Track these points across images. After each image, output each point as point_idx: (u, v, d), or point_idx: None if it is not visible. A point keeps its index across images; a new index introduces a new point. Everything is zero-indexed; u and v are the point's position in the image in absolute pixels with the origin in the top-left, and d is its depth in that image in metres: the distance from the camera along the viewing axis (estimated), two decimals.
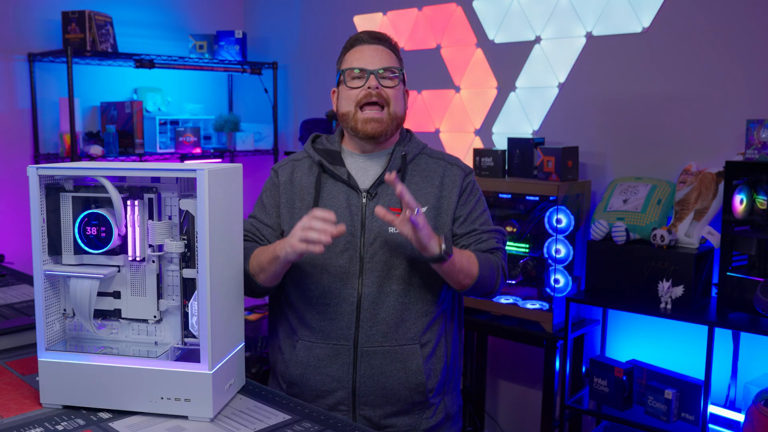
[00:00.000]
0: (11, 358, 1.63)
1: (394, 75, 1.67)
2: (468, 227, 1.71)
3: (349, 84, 1.66)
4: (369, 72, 1.64)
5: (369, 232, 1.65)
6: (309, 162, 1.75)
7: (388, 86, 1.65)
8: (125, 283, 1.40)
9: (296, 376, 1.69)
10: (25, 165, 1.34)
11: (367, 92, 1.64)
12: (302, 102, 4.11)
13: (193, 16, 4.10)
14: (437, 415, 1.72)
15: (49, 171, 1.34)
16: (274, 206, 1.74)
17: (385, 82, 1.66)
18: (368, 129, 1.64)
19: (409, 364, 1.65)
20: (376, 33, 1.72)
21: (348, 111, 1.67)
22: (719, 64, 2.54)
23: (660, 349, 2.70)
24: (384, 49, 1.69)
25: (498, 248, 1.73)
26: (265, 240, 1.72)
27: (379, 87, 1.64)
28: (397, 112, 1.68)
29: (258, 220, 1.74)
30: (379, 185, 1.69)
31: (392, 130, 1.68)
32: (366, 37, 1.70)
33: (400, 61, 1.73)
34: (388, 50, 1.70)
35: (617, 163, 2.82)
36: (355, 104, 1.65)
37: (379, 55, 1.67)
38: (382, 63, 1.66)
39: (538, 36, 3.02)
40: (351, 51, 1.70)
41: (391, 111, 1.66)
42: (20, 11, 3.44)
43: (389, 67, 1.66)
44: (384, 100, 1.64)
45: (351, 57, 1.69)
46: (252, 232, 1.72)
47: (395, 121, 1.67)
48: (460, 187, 1.72)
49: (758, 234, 2.25)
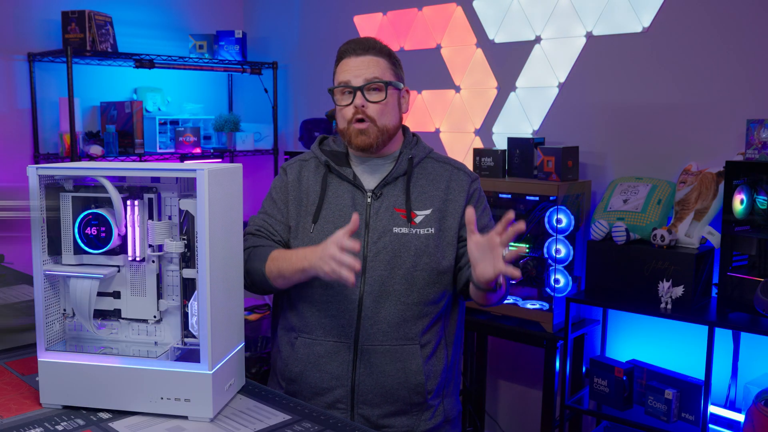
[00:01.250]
0: (11, 358, 1.63)
1: (379, 89, 1.66)
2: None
3: (338, 102, 1.69)
4: (354, 89, 1.65)
5: (373, 232, 1.66)
6: (316, 162, 1.77)
7: (374, 100, 1.65)
8: (125, 283, 1.40)
9: (295, 373, 1.70)
10: (25, 165, 1.34)
11: (354, 110, 1.66)
12: (302, 102, 4.11)
13: (193, 16, 4.10)
14: (436, 418, 1.72)
15: (49, 171, 1.34)
16: (284, 202, 1.75)
17: (371, 95, 1.66)
18: (358, 141, 1.67)
19: (409, 364, 1.66)
20: (364, 42, 1.70)
21: (343, 128, 1.70)
22: (719, 64, 2.54)
23: (660, 349, 2.70)
24: (371, 58, 1.67)
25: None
26: (277, 235, 1.73)
27: (364, 105, 1.65)
28: (386, 125, 1.68)
29: (269, 216, 1.76)
30: (384, 186, 1.70)
31: (383, 141, 1.68)
32: (353, 47, 1.68)
33: (394, 64, 1.71)
34: (377, 58, 1.67)
35: (617, 163, 2.82)
36: (347, 122, 1.67)
37: (365, 66, 1.66)
38: (368, 75, 1.65)
39: (538, 36, 3.02)
40: (340, 65, 1.70)
41: (378, 126, 1.66)
42: (20, 11, 3.44)
43: (373, 81, 1.65)
44: (369, 118, 1.65)
45: (339, 71, 1.69)
46: (265, 228, 1.74)
47: (386, 133, 1.68)
48: (468, 191, 1.73)
49: (758, 234, 2.25)
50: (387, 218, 1.67)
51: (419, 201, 1.70)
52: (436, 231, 1.68)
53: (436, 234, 1.68)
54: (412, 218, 1.67)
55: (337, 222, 1.67)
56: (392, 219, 1.67)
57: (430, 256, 1.66)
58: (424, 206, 1.69)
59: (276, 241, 1.73)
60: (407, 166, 1.71)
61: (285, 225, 1.74)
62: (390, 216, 1.67)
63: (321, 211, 1.69)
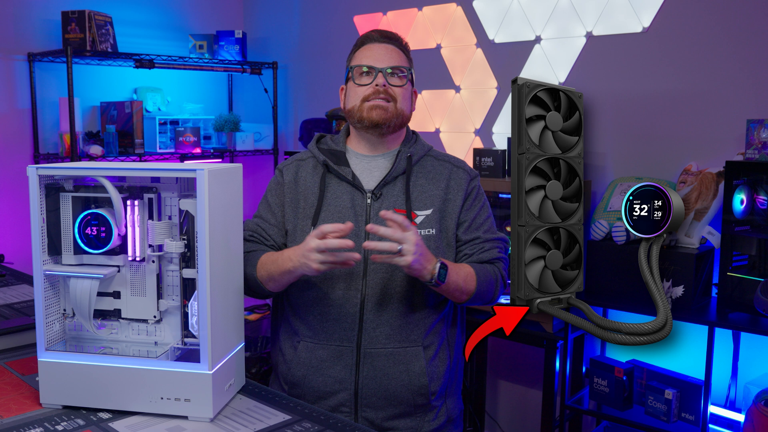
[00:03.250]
0: (11, 358, 1.63)
1: (402, 74, 1.68)
2: (472, 234, 1.71)
3: (357, 81, 1.68)
4: (377, 70, 1.65)
5: (373, 234, 1.64)
6: (313, 162, 1.75)
7: (396, 84, 1.67)
8: (125, 283, 1.40)
9: (298, 377, 1.69)
10: (25, 165, 1.34)
11: (374, 89, 1.65)
12: (302, 102, 4.11)
13: (193, 16, 4.10)
14: (439, 418, 1.71)
15: (49, 171, 1.34)
16: (279, 205, 1.74)
17: (393, 80, 1.67)
18: (373, 115, 1.65)
19: (412, 366, 1.65)
20: (387, 32, 1.73)
21: (354, 105, 1.68)
22: (719, 64, 2.54)
23: (660, 349, 2.70)
24: (394, 48, 1.70)
25: (499, 258, 1.74)
26: (270, 239, 1.72)
27: (386, 85, 1.65)
28: (404, 110, 1.68)
29: (263, 220, 1.74)
30: (384, 186, 1.69)
31: (396, 124, 1.68)
32: (377, 35, 1.71)
33: (410, 61, 1.74)
34: (398, 50, 1.71)
35: (617, 163, 2.82)
36: (362, 100, 1.66)
37: (388, 53, 1.68)
38: (392, 62, 1.67)
39: (538, 36, 3.02)
40: (361, 49, 1.71)
41: (398, 107, 1.66)
42: (20, 11, 3.44)
43: (398, 66, 1.67)
44: (391, 96, 1.65)
45: (361, 54, 1.70)
46: (258, 233, 1.72)
47: (401, 117, 1.68)
48: (465, 190, 1.72)
49: (758, 234, 2.25)
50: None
51: (419, 201, 1.69)
52: (437, 231, 1.67)
53: (436, 235, 1.67)
54: (412, 219, 1.66)
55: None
56: None
57: None
58: (424, 206, 1.68)
59: (269, 245, 1.71)
60: (406, 165, 1.70)
61: (279, 228, 1.72)
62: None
63: (320, 213, 1.68)
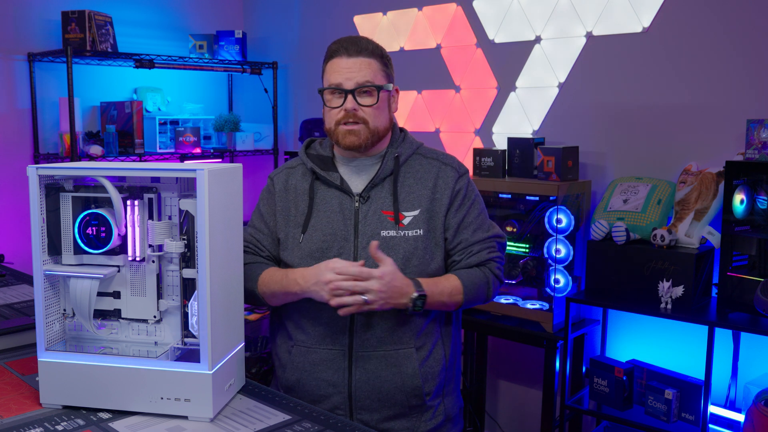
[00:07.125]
0: (11, 358, 1.63)
1: (371, 91, 1.64)
2: (459, 237, 1.70)
3: (328, 104, 1.66)
4: (346, 92, 1.62)
5: (362, 236, 1.65)
6: (303, 169, 1.75)
7: (365, 104, 1.63)
8: (125, 283, 1.40)
9: (293, 381, 1.70)
10: (25, 165, 1.34)
11: (345, 114, 1.63)
12: (302, 102, 4.11)
13: (193, 16, 4.10)
14: (437, 418, 1.71)
15: (49, 171, 1.34)
16: (271, 214, 1.74)
17: (363, 99, 1.63)
18: (347, 141, 1.65)
19: (405, 368, 1.65)
20: (355, 42, 1.65)
21: (330, 128, 1.67)
22: (719, 64, 2.54)
23: (660, 349, 2.70)
24: (363, 60, 1.63)
25: (490, 259, 1.72)
26: (266, 251, 1.73)
27: (356, 108, 1.63)
28: (378, 127, 1.66)
29: (257, 230, 1.75)
30: (371, 188, 1.68)
31: (373, 141, 1.67)
32: (344, 47, 1.64)
33: (385, 65, 1.68)
34: (368, 60, 1.64)
35: (617, 163, 2.82)
36: (335, 123, 1.65)
37: (357, 67, 1.62)
38: (360, 78, 1.62)
39: (538, 36, 3.02)
40: (329, 63, 1.66)
41: (370, 127, 1.65)
42: (20, 11, 3.44)
43: (365, 85, 1.62)
44: (361, 119, 1.64)
45: (329, 71, 1.66)
46: (252, 243, 1.73)
47: (375, 135, 1.66)
48: (452, 190, 1.69)
49: (758, 234, 2.25)
50: (375, 222, 1.65)
51: (407, 201, 1.67)
52: (424, 232, 1.66)
53: (424, 235, 1.66)
54: (400, 220, 1.65)
55: (325, 229, 1.66)
56: (380, 222, 1.65)
57: (419, 259, 1.64)
58: (411, 207, 1.67)
59: (264, 257, 1.73)
60: (393, 166, 1.69)
61: (272, 238, 1.73)
62: (378, 219, 1.65)
63: (310, 219, 1.68)
